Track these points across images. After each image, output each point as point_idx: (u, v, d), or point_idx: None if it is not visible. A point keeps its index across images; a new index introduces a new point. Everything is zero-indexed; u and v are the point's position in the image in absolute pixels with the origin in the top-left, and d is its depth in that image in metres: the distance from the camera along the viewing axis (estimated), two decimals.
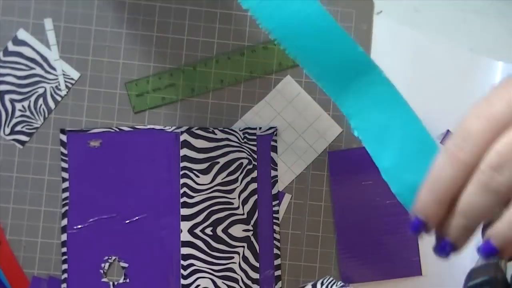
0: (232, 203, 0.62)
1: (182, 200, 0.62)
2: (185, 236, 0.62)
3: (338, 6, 0.63)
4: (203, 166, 0.62)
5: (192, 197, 0.62)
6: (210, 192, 0.62)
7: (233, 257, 0.62)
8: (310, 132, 0.63)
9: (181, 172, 0.62)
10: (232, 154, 0.62)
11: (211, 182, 0.62)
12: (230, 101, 0.63)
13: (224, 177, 0.62)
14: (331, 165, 0.63)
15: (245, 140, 0.62)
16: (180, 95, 0.63)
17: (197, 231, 0.62)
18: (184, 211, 0.62)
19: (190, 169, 0.62)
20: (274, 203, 0.63)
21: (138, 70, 0.62)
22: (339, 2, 0.63)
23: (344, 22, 0.63)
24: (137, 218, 0.62)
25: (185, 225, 0.62)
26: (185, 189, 0.62)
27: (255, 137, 0.63)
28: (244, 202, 0.62)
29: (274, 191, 0.63)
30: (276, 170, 0.63)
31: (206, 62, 0.63)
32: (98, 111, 0.62)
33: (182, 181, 0.62)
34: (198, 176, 0.62)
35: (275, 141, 0.63)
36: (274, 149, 0.63)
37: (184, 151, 0.62)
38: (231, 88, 0.63)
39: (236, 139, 0.62)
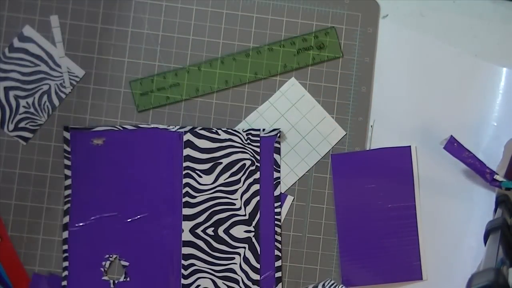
0: (234, 204, 0.62)
1: (184, 200, 0.62)
2: (186, 236, 0.62)
3: (344, 9, 0.63)
4: (206, 166, 0.62)
5: (194, 197, 0.62)
6: (212, 193, 0.62)
7: (234, 258, 0.62)
8: (314, 134, 0.63)
9: (183, 172, 0.62)
10: (235, 155, 0.62)
11: (213, 183, 0.62)
12: (234, 101, 0.63)
13: (227, 178, 0.62)
14: (334, 168, 0.63)
15: (248, 141, 0.62)
16: (184, 95, 0.63)
17: (199, 231, 0.62)
18: (186, 211, 0.62)
19: (193, 169, 0.62)
20: (276, 204, 0.63)
21: (142, 69, 0.62)
22: (345, 5, 0.63)
23: (350, 25, 0.63)
24: (138, 217, 0.62)
25: (186, 225, 0.62)
26: (187, 189, 0.62)
27: (258, 139, 0.63)
28: (246, 203, 0.62)
29: (276, 193, 0.63)
30: (279, 171, 0.63)
31: (211, 62, 0.63)
32: (102, 109, 0.62)
33: (184, 181, 0.62)
34: (200, 176, 0.62)
35: (279, 143, 0.63)
36: (277, 150, 0.63)
37: (187, 151, 0.62)
38: (236, 88, 0.63)
39: (239, 140, 0.62)
